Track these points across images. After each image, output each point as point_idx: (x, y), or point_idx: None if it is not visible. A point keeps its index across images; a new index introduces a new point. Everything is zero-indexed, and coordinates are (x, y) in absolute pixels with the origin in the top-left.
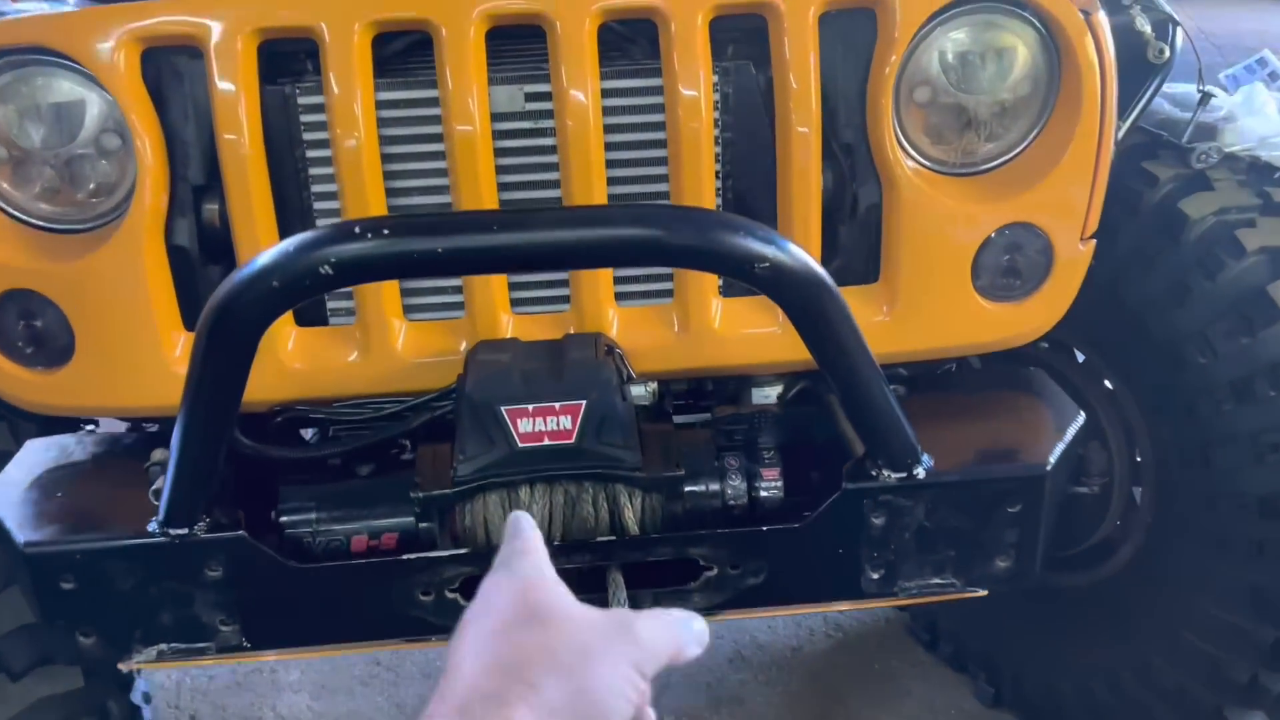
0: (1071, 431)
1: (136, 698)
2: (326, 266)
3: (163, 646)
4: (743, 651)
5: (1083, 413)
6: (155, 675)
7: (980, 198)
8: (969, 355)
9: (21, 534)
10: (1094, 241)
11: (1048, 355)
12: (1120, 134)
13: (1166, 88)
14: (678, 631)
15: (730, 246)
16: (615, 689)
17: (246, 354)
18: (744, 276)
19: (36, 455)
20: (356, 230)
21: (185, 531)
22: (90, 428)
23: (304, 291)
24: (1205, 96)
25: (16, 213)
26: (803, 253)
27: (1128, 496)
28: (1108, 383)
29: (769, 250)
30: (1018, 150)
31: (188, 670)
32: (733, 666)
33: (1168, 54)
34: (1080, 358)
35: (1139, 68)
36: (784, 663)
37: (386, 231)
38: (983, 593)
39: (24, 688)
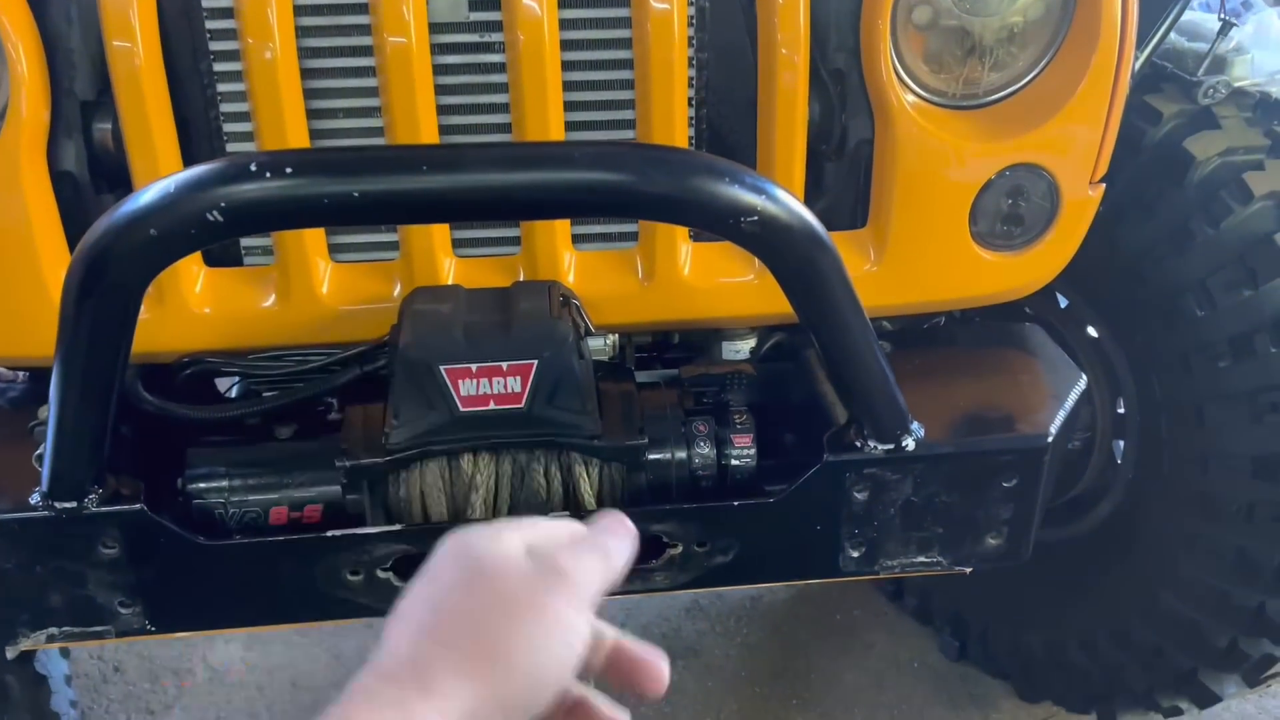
0: (1073, 397)
1: (42, 668)
2: (215, 213)
3: (53, 630)
4: (700, 602)
5: (1084, 376)
6: None
7: (982, 135)
8: (962, 308)
9: None
10: (1103, 186)
11: (1027, 299)
12: (1137, 65)
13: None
14: (606, 548)
15: (713, 197)
16: (545, 639)
17: (125, 309)
18: (728, 233)
19: None
20: (253, 167)
21: (73, 505)
22: None
23: (188, 242)
24: (1226, 25)
25: None
26: (799, 204)
27: (1108, 451)
28: (1092, 330)
29: (759, 201)
30: (1025, 81)
31: None
32: (689, 617)
33: None
34: (1064, 302)
35: None
36: (743, 613)
37: (290, 170)
38: (969, 570)
39: None
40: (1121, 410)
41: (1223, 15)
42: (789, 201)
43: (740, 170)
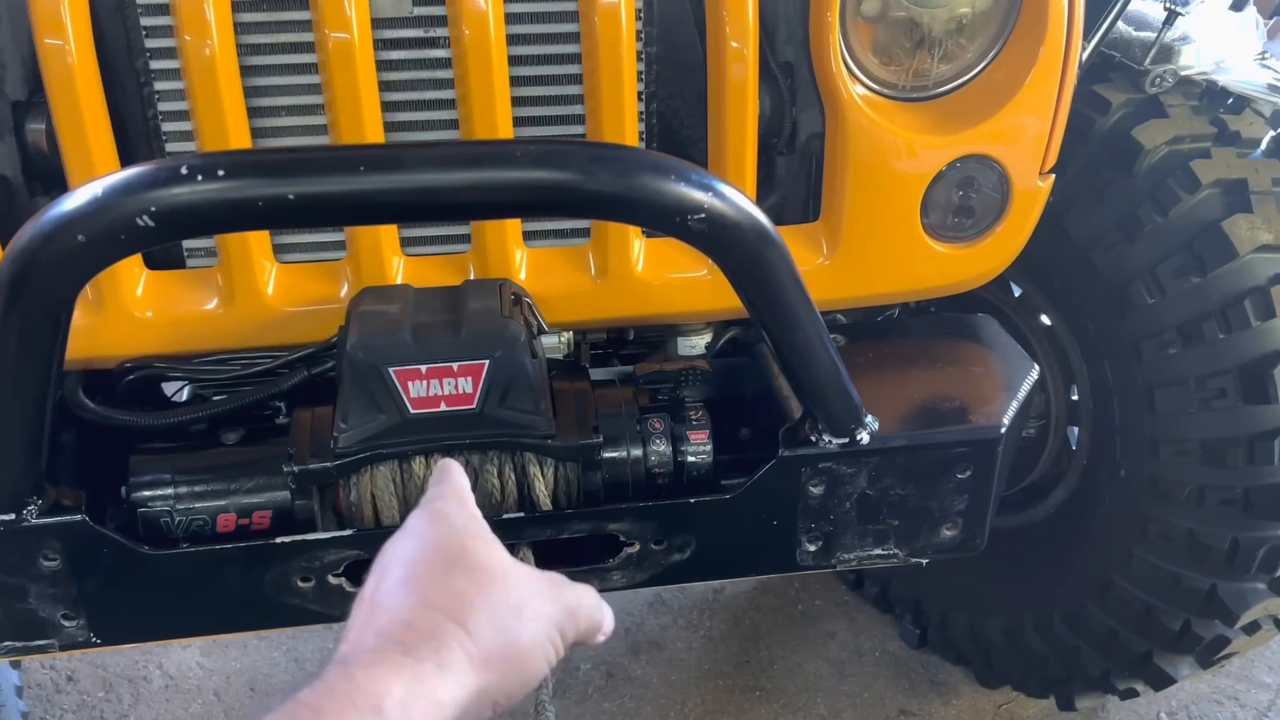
0: (1026, 387)
1: None
2: (146, 217)
3: None
4: (663, 595)
5: (1036, 366)
6: None
7: (932, 127)
8: (914, 300)
9: None
10: (1053, 176)
11: (982, 289)
12: (1084, 56)
13: None
14: (601, 608)
15: (659, 195)
16: (540, 647)
17: (55, 317)
18: (675, 231)
19: None
20: (184, 170)
21: (11, 517)
22: None
23: (118, 247)
24: (1172, 15)
25: None
26: (746, 201)
27: (1063, 438)
28: (1045, 319)
29: (706, 199)
30: (974, 73)
31: None
32: (652, 611)
33: None
34: (1017, 291)
35: None
36: (705, 606)
37: (222, 172)
38: (925, 561)
39: None
40: (1076, 398)
41: (1168, 4)
42: (736, 198)
43: (687, 168)
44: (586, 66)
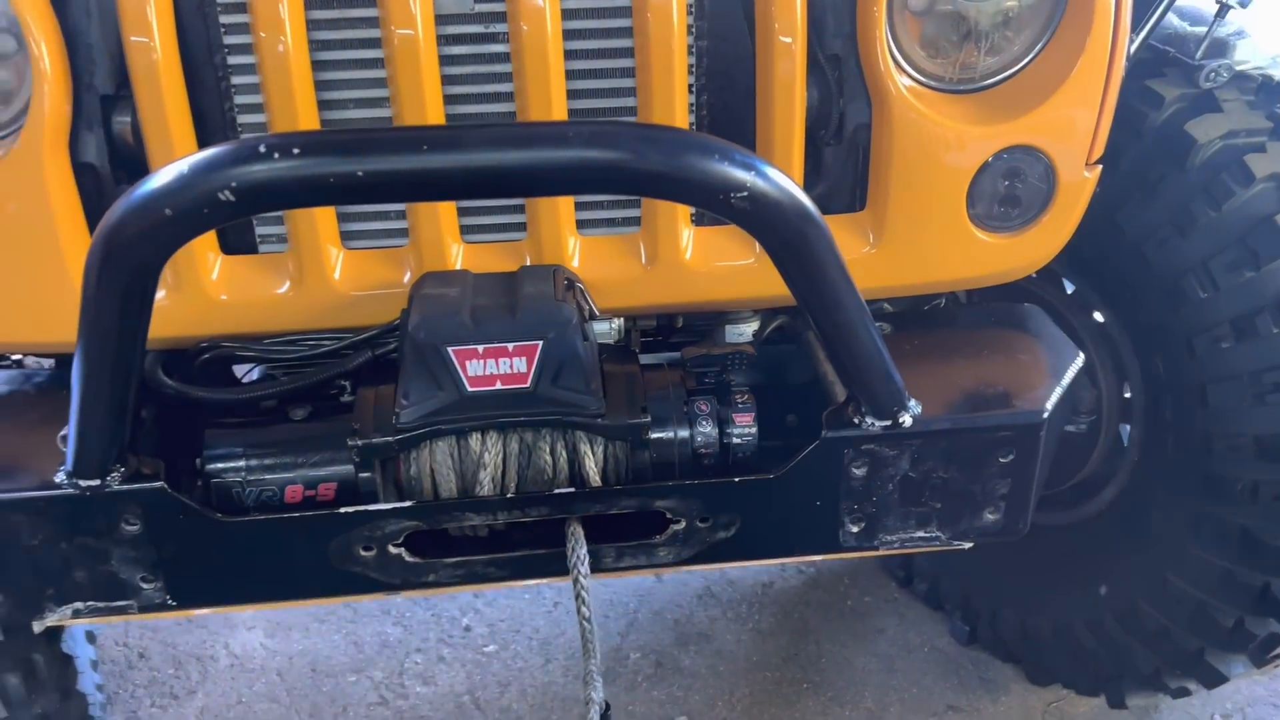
0: (1070, 374)
1: (70, 647)
2: (227, 192)
3: (79, 605)
4: (713, 588)
5: (1081, 354)
6: None
7: (978, 118)
8: (960, 290)
9: None
10: (1099, 167)
11: (1034, 285)
12: (1133, 49)
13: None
14: None
15: (703, 173)
16: None
17: (144, 289)
18: (718, 208)
19: None
20: (262, 149)
21: (96, 483)
22: (3, 368)
23: (202, 221)
24: (1223, 8)
25: None
26: (787, 180)
27: (1115, 435)
28: (1098, 315)
29: (748, 177)
30: (1021, 65)
31: None
32: (702, 603)
33: None
34: (1070, 288)
35: None
36: (754, 599)
37: (298, 150)
38: (968, 546)
39: None
40: (1128, 395)
41: None
42: (778, 177)
43: (730, 147)
44: (639, 60)
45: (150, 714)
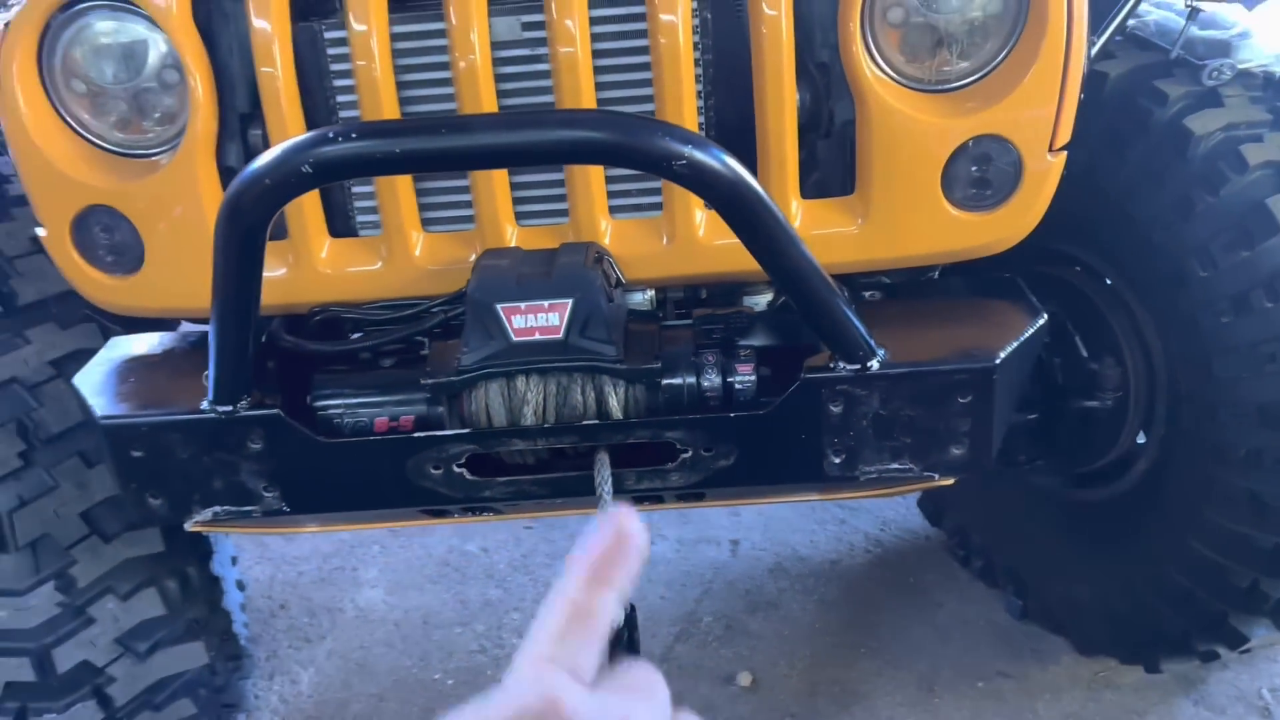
0: (1029, 330)
1: (219, 570)
2: (307, 166)
3: (217, 509)
4: (784, 563)
5: (1044, 314)
6: (251, 570)
7: (950, 112)
8: (942, 263)
9: (100, 410)
10: (1064, 154)
11: (1075, 278)
12: (1094, 49)
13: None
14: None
15: (649, 145)
16: None
17: (256, 244)
18: (666, 173)
19: (117, 349)
20: (331, 134)
21: (230, 408)
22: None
23: (291, 188)
24: (1193, 11)
25: (95, 139)
26: (724, 154)
27: (1146, 412)
28: (1129, 302)
29: (685, 149)
30: (990, 67)
31: (279, 566)
32: (772, 576)
33: None
34: (1109, 282)
35: None
36: (822, 573)
37: (354, 135)
38: (944, 480)
39: (114, 549)
40: (1157, 374)
41: (1189, 2)
42: (712, 149)
43: (673, 128)
44: (654, 73)
45: (287, 653)
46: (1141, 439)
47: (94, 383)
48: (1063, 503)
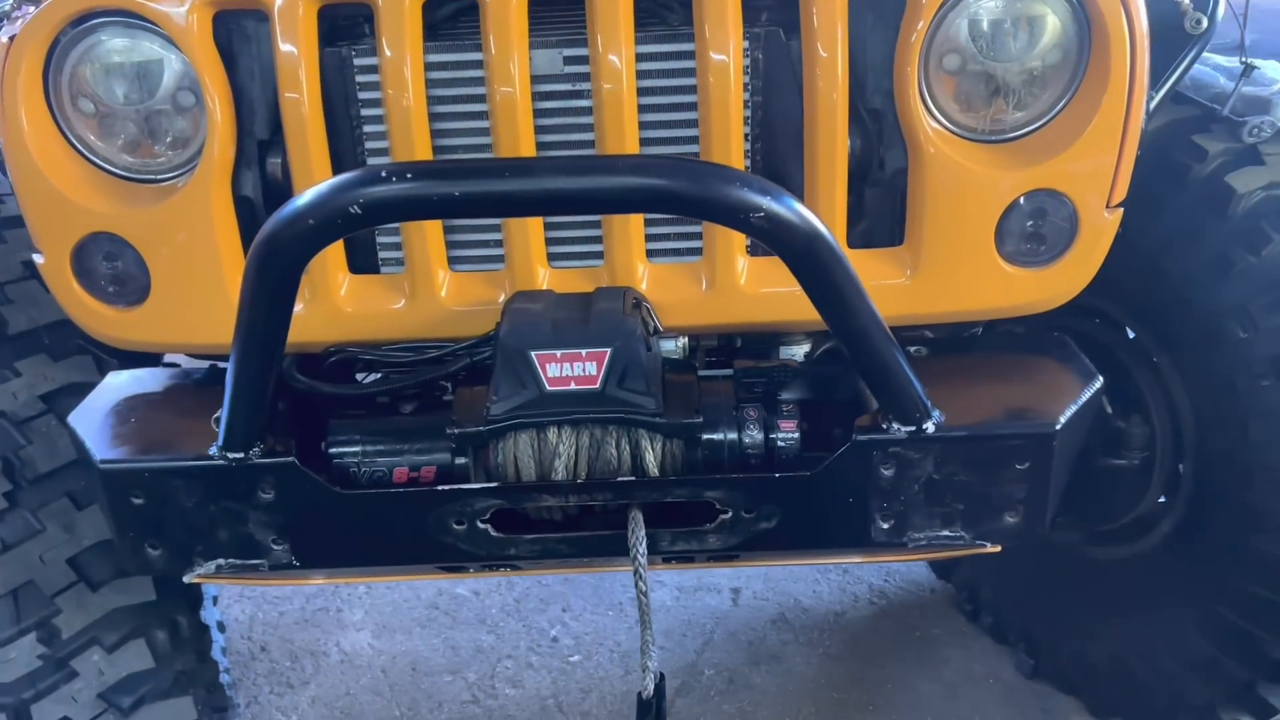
0: (1087, 394)
1: (206, 619)
2: (356, 207)
3: (221, 561)
4: (786, 614)
5: (1100, 377)
6: (230, 609)
7: (1006, 164)
8: (992, 319)
9: (98, 453)
10: (1120, 210)
11: (1098, 330)
12: (1153, 104)
13: (1225, 62)
14: None
15: (726, 195)
16: None
17: (289, 287)
18: (741, 225)
19: (116, 386)
20: (383, 174)
21: (241, 455)
22: (170, 367)
23: (337, 229)
24: (1248, 68)
25: (101, 162)
26: (799, 205)
27: (1172, 472)
28: (1155, 358)
29: (764, 200)
30: (1046, 118)
31: (260, 605)
32: (775, 627)
33: (1205, 24)
34: (1131, 334)
35: (1177, 37)
36: (826, 626)
37: (409, 175)
38: (994, 548)
39: (102, 598)
40: (1183, 434)
41: (1244, 59)
42: (790, 201)
43: (750, 177)
44: (701, 113)
45: (269, 699)
46: (1162, 499)
47: (92, 422)
48: (1080, 560)
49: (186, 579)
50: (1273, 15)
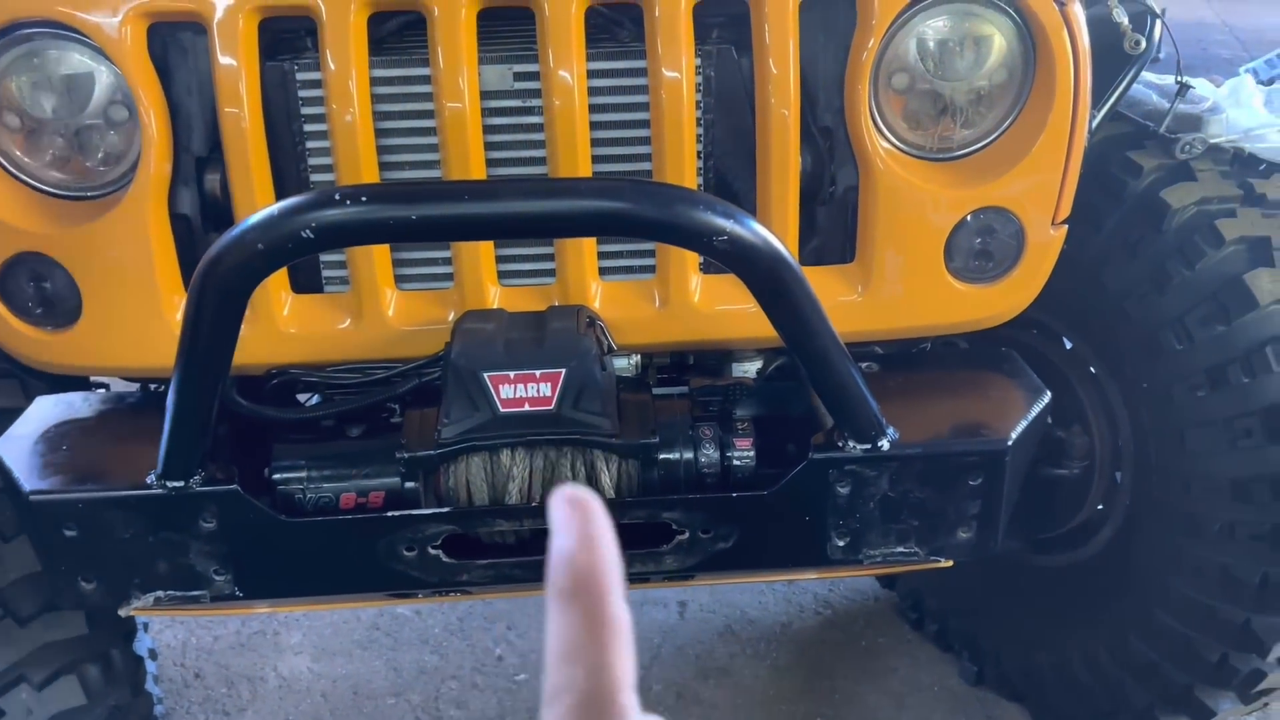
0: (1036, 409)
1: (140, 650)
2: (308, 230)
3: (159, 594)
4: (733, 626)
5: (1049, 392)
6: (162, 634)
7: (954, 182)
8: (941, 335)
9: (28, 483)
10: (1065, 227)
11: (1036, 340)
12: (1095, 123)
13: (1158, 80)
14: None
15: (690, 219)
16: None
17: (235, 312)
18: (704, 249)
19: (44, 411)
20: (337, 197)
21: (181, 484)
22: (101, 390)
23: (287, 254)
24: (1183, 87)
25: (28, 179)
26: (761, 228)
27: (1110, 480)
28: (1093, 369)
29: (728, 224)
30: (993, 137)
31: (193, 630)
32: (722, 640)
33: (1144, 45)
34: (1068, 345)
35: (1116, 57)
36: (773, 637)
37: (365, 199)
38: (946, 563)
39: (30, 633)
40: (1121, 444)
41: (1179, 79)
42: (753, 224)
43: (713, 200)
44: (654, 131)
45: None
46: (1100, 507)
47: (19, 450)
48: (1021, 568)
49: (123, 613)
50: (1255, 38)
